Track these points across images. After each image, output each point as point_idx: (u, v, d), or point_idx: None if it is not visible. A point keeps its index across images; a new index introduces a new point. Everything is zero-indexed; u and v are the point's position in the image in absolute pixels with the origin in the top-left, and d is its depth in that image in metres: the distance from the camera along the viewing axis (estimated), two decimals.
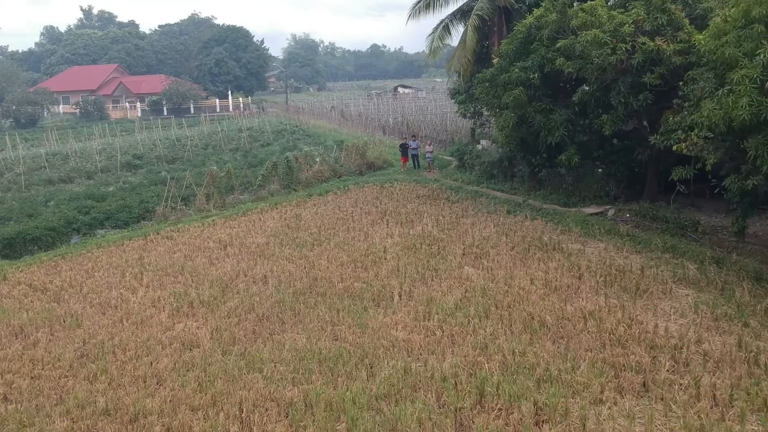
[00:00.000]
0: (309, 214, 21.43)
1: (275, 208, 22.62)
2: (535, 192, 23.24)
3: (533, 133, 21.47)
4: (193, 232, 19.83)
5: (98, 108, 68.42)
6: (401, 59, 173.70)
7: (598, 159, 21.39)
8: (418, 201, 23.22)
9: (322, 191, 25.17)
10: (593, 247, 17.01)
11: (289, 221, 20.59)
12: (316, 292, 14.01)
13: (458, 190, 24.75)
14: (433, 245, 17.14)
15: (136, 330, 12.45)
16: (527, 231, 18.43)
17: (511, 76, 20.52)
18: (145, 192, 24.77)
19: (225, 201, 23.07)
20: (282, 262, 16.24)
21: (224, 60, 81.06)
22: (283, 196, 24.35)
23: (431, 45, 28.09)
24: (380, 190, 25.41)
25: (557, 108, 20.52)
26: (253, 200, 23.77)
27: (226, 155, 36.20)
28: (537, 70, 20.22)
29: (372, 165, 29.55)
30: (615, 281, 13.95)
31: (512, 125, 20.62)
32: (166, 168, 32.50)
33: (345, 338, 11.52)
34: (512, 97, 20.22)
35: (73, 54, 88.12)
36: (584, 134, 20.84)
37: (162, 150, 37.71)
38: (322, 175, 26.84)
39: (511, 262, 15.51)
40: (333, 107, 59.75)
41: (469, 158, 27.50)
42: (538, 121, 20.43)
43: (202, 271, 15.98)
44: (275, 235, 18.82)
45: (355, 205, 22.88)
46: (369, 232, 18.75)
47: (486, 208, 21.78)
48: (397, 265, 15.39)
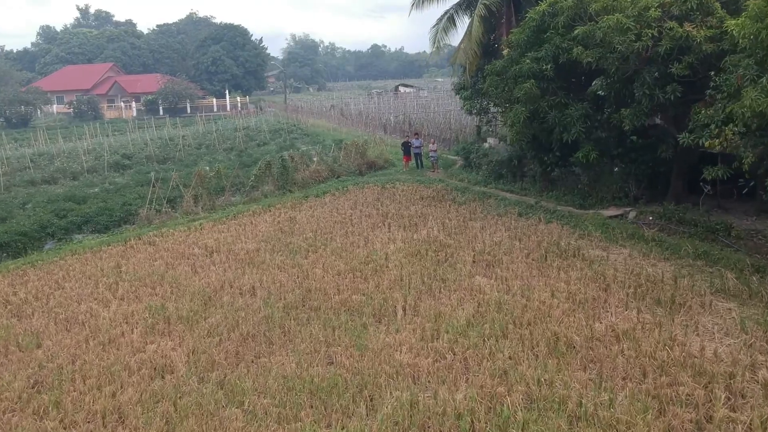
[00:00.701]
0: (304, 217, 19.85)
1: (268, 211, 21.04)
2: (548, 193, 21.66)
3: (546, 130, 19.92)
4: (178, 237, 18.24)
5: (92, 107, 66.84)
6: (402, 59, 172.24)
7: (616, 157, 19.80)
8: (422, 203, 21.64)
9: (319, 192, 23.59)
10: (616, 253, 15.44)
11: (282, 225, 19.01)
12: (310, 306, 12.43)
13: (465, 191, 23.17)
14: (440, 252, 15.57)
15: (102, 352, 10.86)
16: (542, 235, 16.86)
17: (522, 67, 18.94)
18: (130, 193, 23.16)
19: (214, 203, 21.50)
20: (273, 271, 14.65)
21: (221, 59, 79.44)
22: (278, 198, 22.77)
23: (435, 37, 26.51)
24: (381, 191, 23.83)
25: (573, 102, 18.94)
26: (245, 202, 22.20)
27: (220, 155, 34.65)
28: (551, 61, 18.64)
29: (372, 164, 27.98)
30: (646, 293, 12.38)
31: (523, 121, 19.03)
32: (156, 168, 30.93)
33: (341, 363, 9.93)
34: (523, 91, 18.64)
35: (68, 53, 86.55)
36: (602, 130, 19.24)
37: (153, 150, 36.15)
38: (319, 176, 25.27)
39: (528, 271, 13.92)
40: (333, 106, 58.19)
41: (476, 157, 25.92)
42: (552, 116, 18.85)
43: (183, 281, 14.39)
44: (267, 241, 17.23)
45: (355, 207, 21.31)
46: (369, 237, 17.17)
47: (495, 210, 20.22)
48: (401, 275, 13.82)
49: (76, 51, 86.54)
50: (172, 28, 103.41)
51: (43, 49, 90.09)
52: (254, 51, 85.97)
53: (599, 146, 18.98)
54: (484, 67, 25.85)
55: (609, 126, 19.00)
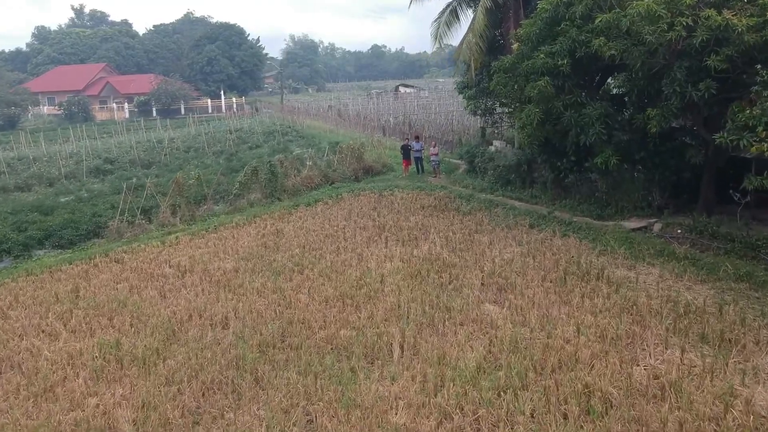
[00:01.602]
0: (292, 230, 17.89)
1: (253, 222, 19.09)
2: (561, 201, 19.72)
3: (560, 132, 17.98)
4: (149, 254, 16.29)
5: (83, 109, 64.83)
6: (402, 60, 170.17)
7: (638, 162, 17.84)
8: (422, 213, 19.69)
9: (310, 200, 21.64)
10: (645, 273, 13.51)
11: (267, 239, 17.06)
12: (289, 344, 10.49)
13: (469, 199, 21.23)
14: (444, 272, 13.62)
15: (32, 407, 8.92)
16: (559, 252, 14.92)
17: (535, 63, 16.99)
18: (103, 203, 21.15)
19: (194, 213, 19.55)
20: (250, 296, 12.69)
21: (217, 58, 77.37)
22: (264, 207, 20.81)
23: (436, 33, 24.56)
24: (378, 199, 21.88)
25: (591, 101, 16.99)
26: (228, 212, 20.25)
27: (209, 159, 32.71)
28: (566, 56, 16.70)
29: (370, 169, 26.03)
30: (688, 327, 10.44)
31: (536, 123, 17.07)
32: (139, 173, 29.00)
33: (322, 425, 7.98)
34: (537, 89, 16.70)
35: (61, 53, 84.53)
36: (623, 132, 17.27)
37: (139, 153, 34.20)
38: (311, 182, 23.32)
39: (545, 298, 11.97)
40: (330, 107, 56.24)
41: (481, 161, 23.97)
42: (567, 117, 16.89)
43: (147, 308, 12.44)
44: (247, 259, 15.28)
45: (349, 217, 19.36)
46: (363, 254, 15.22)
47: (504, 221, 18.28)
48: (398, 302, 11.86)
49: (68, 51, 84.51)
50: (168, 28, 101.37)
51: (36, 49, 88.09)
52: (250, 51, 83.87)
53: (620, 150, 17.01)
54: (490, 64, 23.93)
55: (631, 128, 17.05)
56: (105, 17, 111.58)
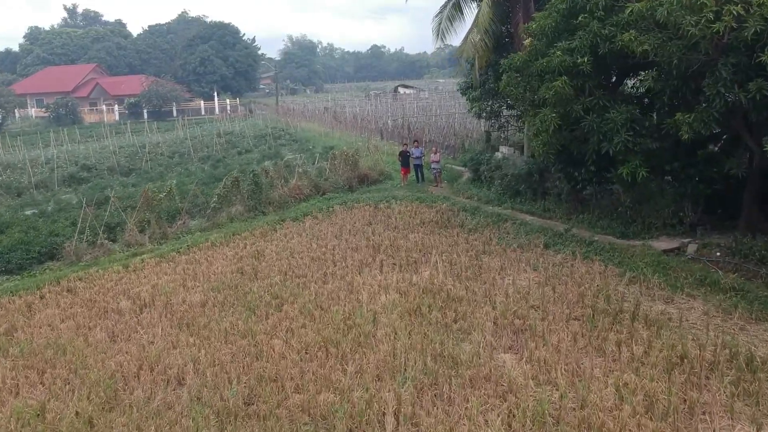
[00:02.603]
0: (275, 251, 15.74)
1: (231, 241, 16.94)
2: (578, 216, 17.59)
3: (578, 139, 15.87)
4: (107, 282, 14.13)
5: (71, 111, 62.61)
6: (402, 60, 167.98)
7: (669, 173, 15.72)
8: (423, 229, 17.55)
9: (298, 214, 19.48)
10: (686, 308, 11.41)
11: (244, 263, 14.91)
12: (256, 412, 8.33)
13: (475, 212, 19.09)
14: (447, 307, 11.48)
15: None
16: (582, 280, 12.79)
17: (550, 61, 14.86)
18: (65, 218, 18.92)
19: (166, 231, 17.39)
20: (215, 342, 10.54)
21: (210, 59, 75.05)
22: (246, 222, 18.65)
23: (438, 29, 22.42)
24: (374, 212, 19.73)
25: (615, 104, 14.85)
26: (204, 228, 18.11)
27: (194, 165, 30.55)
28: (587, 53, 14.58)
29: (365, 178, 23.89)
30: (758, 389, 8.27)
31: (553, 129, 14.93)
32: (116, 182, 26.86)
33: None
34: (553, 91, 14.58)
35: (51, 54, 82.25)
36: (651, 139, 15.10)
37: (120, 159, 32.06)
38: (300, 192, 21.16)
39: (573, 344, 9.82)
40: (326, 108, 54.09)
41: (487, 170, 21.81)
42: (589, 122, 14.75)
43: (91, 357, 10.29)
44: (219, 289, 13.13)
45: (340, 235, 17.22)
46: (354, 283, 13.07)
47: (515, 239, 16.15)
48: (394, 350, 9.71)
49: (58, 52, 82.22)
50: (163, 28, 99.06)
51: (27, 49, 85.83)
52: (245, 51, 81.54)
53: (648, 160, 14.86)
54: (497, 62, 21.80)
55: (662, 134, 14.90)
56: (98, 17, 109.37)
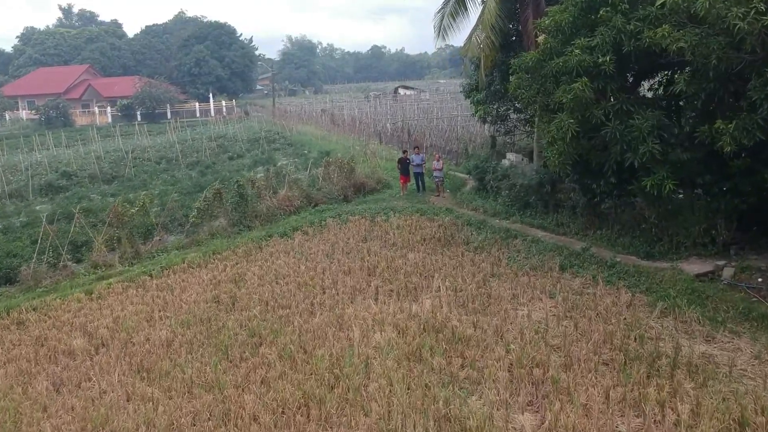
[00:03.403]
0: (257, 274, 14.03)
1: (210, 261, 15.23)
2: (595, 232, 15.93)
3: (598, 148, 14.19)
4: (64, 312, 12.43)
5: (62, 113, 60.86)
6: (402, 60, 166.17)
7: (701, 186, 14.01)
8: (424, 247, 15.85)
9: (287, 229, 17.76)
10: (732, 349, 9.83)
11: (222, 289, 13.19)
12: None
13: (481, 227, 17.39)
14: (453, 350, 9.79)
15: None
16: (608, 313, 11.10)
17: (568, 61, 13.17)
18: (30, 235, 17.14)
19: (139, 249, 15.68)
20: (176, 396, 8.82)
21: (205, 59, 73.23)
22: (229, 239, 16.93)
23: (440, 25, 20.70)
24: (370, 226, 18.02)
25: (639, 109, 13.14)
26: (182, 246, 16.40)
27: (181, 172, 28.82)
28: (609, 51, 12.89)
29: (362, 187, 22.17)
30: None
31: (570, 137, 13.22)
32: (96, 191, 25.17)
33: None
34: (571, 94, 12.87)
35: (43, 54, 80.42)
36: (681, 149, 13.38)
37: (104, 165, 30.34)
38: (290, 204, 19.44)
39: (605, 404, 8.10)
40: (323, 111, 52.34)
41: (493, 179, 20.08)
42: (612, 129, 13.04)
43: (26, 416, 8.58)
44: (189, 323, 11.42)
45: (332, 253, 15.53)
46: (345, 316, 11.36)
47: (527, 259, 14.47)
48: (388, 412, 8.01)
49: (51, 52, 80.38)
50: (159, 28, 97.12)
51: (19, 50, 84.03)
52: (241, 51, 79.70)
53: (677, 171, 13.14)
54: (504, 61, 20.15)
55: (692, 143, 13.21)
56: (94, 17, 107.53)
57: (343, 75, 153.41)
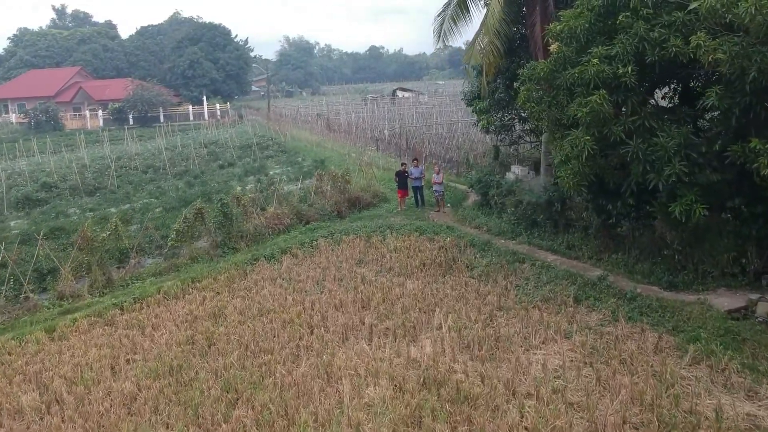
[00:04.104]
0: (239, 308, 12.65)
1: (188, 291, 13.84)
2: (610, 256, 14.63)
3: (615, 166, 12.85)
4: (19, 358, 11.02)
5: (52, 117, 59.31)
6: (401, 61, 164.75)
7: (731, 210, 12.68)
8: (423, 272, 14.50)
9: (275, 251, 16.38)
10: None
11: (199, 326, 11.82)
12: None
13: (485, 249, 16.05)
14: (458, 412, 8.42)
15: None
16: (634, 360, 9.79)
17: (584, 71, 11.82)
18: None
19: (112, 277, 14.31)
20: None
21: (199, 61, 71.67)
22: (211, 264, 15.55)
23: (440, 30, 19.36)
24: (365, 247, 16.66)
25: (664, 125, 11.80)
26: (160, 272, 15.01)
27: (168, 182, 27.41)
28: (630, 61, 11.55)
29: (357, 201, 20.81)
30: None
31: (587, 155, 11.87)
32: (76, 204, 23.78)
33: None
34: (588, 108, 11.53)
35: (35, 56, 78.78)
36: (711, 169, 12.05)
37: (88, 175, 28.91)
38: (279, 222, 18.08)
39: None
40: (318, 115, 50.93)
41: (497, 195, 18.73)
42: (633, 147, 11.68)
43: None
44: (157, 373, 10.03)
45: (322, 280, 14.18)
46: (334, 364, 10.00)
47: (537, 289, 13.14)
48: None
49: (42, 54, 78.78)
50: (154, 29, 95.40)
51: (11, 52, 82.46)
52: (236, 53, 78.14)
53: (706, 194, 11.80)
54: (508, 68, 18.83)
55: (722, 163, 11.87)
56: (88, 18, 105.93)
57: (340, 76, 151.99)
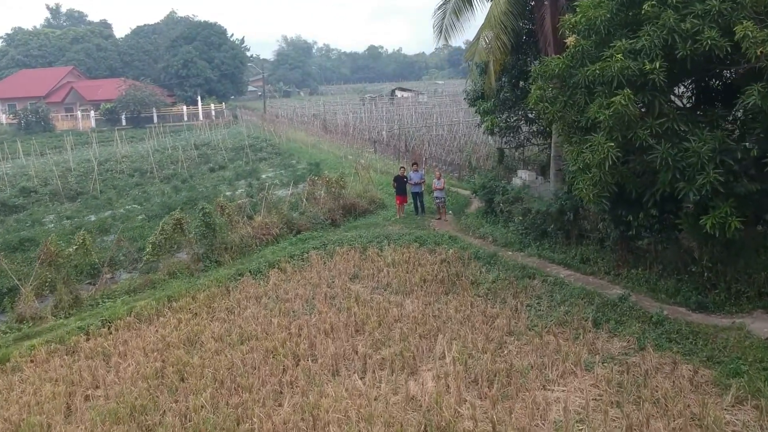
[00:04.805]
0: (217, 334, 11.28)
1: (162, 312, 12.45)
2: (629, 271, 13.30)
3: (638, 173, 11.52)
4: None
5: (42, 118, 57.83)
6: (400, 61, 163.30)
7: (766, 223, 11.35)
8: (423, 290, 13.15)
9: (261, 265, 15.01)
10: None
11: (170, 357, 10.44)
12: None
13: (491, 262, 14.71)
14: None
15: None
16: (668, 401, 8.44)
17: (607, 67, 10.47)
18: None
19: (79, 295, 12.94)
20: None
21: (193, 60, 70.09)
22: (191, 280, 14.17)
23: (441, 24, 18.01)
24: (360, 260, 15.30)
25: (696, 128, 10.46)
26: (135, 288, 13.64)
27: (155, 186, 26.05)
28: (659, 56, 10.20)
29: (352, 208, 19.45)
30: None
31: (610, 163, 10.51)
32: (54, 211, 22.41)
33: None
34: (612, 109, 10.17)
35: (26, 56, 77.21)
36: (748, 178, 10.70)
37: (69, 179, 27.54)
38: (268, 232, 16.71)
39: None
40: (314, 115, 49.55)
41: (503, 202, 17.36)
42: (662, 153, 10.32)
43: None
44: (118, 416, 8.66)
45: (311, 299, 12.83)
46: (322, 406, 8.62)
47: (551, 309, 11.81)
48: None
49: (34, 53, 77.21)
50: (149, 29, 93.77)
51: (2, 51, 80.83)
52: (231, 52, 76.55)
53: (742, 206, 10.46)
54: (514, 66, 17.49)
55: (760, 171, 10.54)
56: (83, 17, 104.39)
57: (339, 76, 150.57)
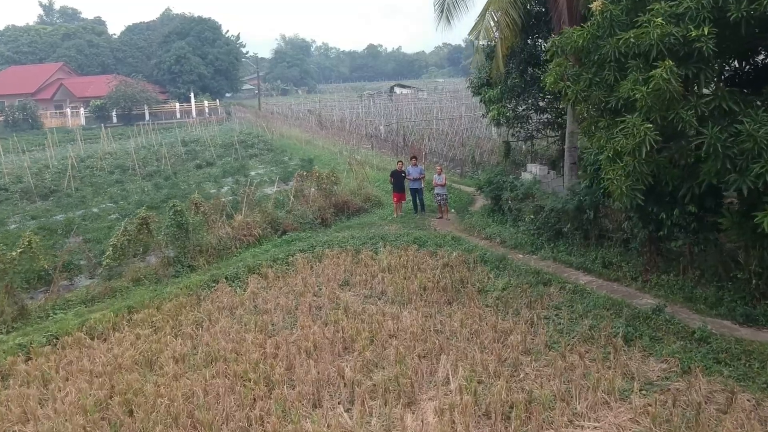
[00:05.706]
0: (178, 353, 9.52)
1: (120, 326, 10.71)
2: (659, 276, 11.62)
3: (676, 163, 9.83)
4: None
5: (30, 115, 56.06)
6: (399, 59, 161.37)
7: None
8: (424, 299, 11.41)
9: (239, 270, 13.25)
10: None
11: (119, 383, 8.68)
12: None
13: (501, 266, 12.97)
14: None
15: None
16: None
17: (642, 36, 8.78)
18: None
19: (25, 306, 11.19)
20: None
21: (186, 56, 68.24)
22: (158, 288, 12.42)
23: (443, 3, 16.28)
24: (352, 264, 13.55)
25: (749, 108, 8.75)
26: (93, 297, 11.90)
27: (136, 184, 24.31)
28: (707, 19, 8.49)
29: (345, 206, 17.73)
30: None
31: (647, 150, 8.78)
32: (26, 210, 20.70)
33: None
34: (651, 86, 8.45)
35: (16, 52, 75.35)
36: None
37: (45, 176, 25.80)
38: (249, 233, 14.96)
39: None
40: (309, 111, 47.81)
41: (512, 199, 15.63)
42: (710, 138, 8.60)
43: None
44: None
45: (294, 311, 11.07)
46: None
47: (573, 323, 10.11)
48: None
49: (25, 50, 75.35)
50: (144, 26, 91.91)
51: None
52: (226, 48, 74.70)
53: None
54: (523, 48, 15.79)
55: None
56: (77, 14, 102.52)
57: (338, 74, 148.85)
